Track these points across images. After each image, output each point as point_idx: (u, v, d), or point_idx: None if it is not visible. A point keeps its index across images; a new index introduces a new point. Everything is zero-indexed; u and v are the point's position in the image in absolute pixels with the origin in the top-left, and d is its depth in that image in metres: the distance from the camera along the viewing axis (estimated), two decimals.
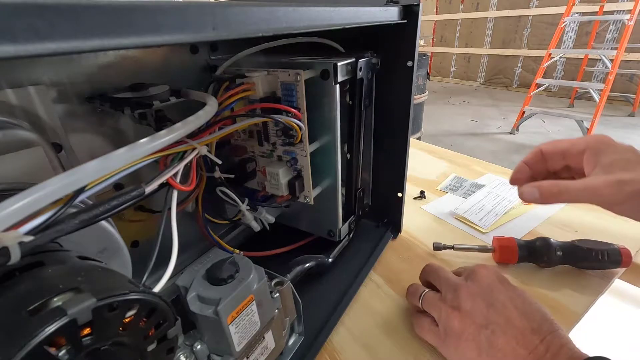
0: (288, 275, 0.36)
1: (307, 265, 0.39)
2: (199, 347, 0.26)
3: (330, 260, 0.41)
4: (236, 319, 0.25)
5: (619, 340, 0.35)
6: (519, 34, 3.69)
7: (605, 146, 0.31)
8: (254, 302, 0.26)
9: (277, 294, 0.29)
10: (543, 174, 0.36)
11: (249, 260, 0.28)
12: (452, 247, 0.45)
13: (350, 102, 0.34)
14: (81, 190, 0.17)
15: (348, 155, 0.34)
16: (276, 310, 0.29)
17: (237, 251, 0.37)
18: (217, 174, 0.35)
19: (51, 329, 0.13)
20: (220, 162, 0.32)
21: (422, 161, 0.39)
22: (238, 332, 0.25)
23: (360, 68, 0.33)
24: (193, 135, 0.28)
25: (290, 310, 0.31)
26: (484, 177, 0.67)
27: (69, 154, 0.26)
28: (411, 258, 0.47)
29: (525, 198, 0.33)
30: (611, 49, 2.80)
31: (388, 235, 0.49)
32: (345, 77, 0.33)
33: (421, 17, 0.36)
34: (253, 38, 0.21)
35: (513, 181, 0.36)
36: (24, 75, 0.24)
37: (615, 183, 0.29)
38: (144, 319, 0.17)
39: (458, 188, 0.64)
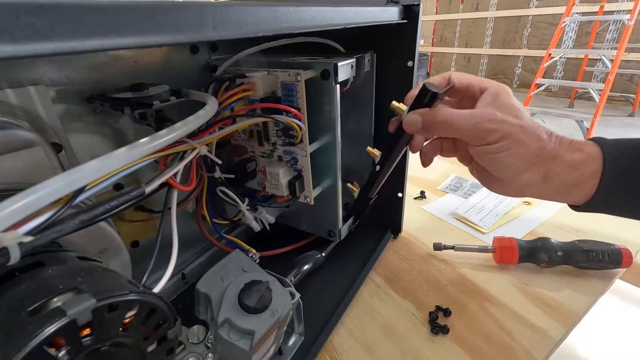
0: (290, 276, 0.36)
1: (306, 267, 0.39)
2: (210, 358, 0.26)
3: (323, 255, 0.41)
4: (260, 347, 0.25)
5: (620, 340, 0.35)
6: (519, 34, 3.68)
7: (505, 92, 0.30)
8: (277, 328, 0.26)
9: (291, 311, 0.29)
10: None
11: (281, 286, 0.27)
12: (453, 248, 0.45)
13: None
14: (81, 191, 0.17)
15: (377, 167, 0.34)
16: (285, 327, 0.29)
17: (253, 250, 0.37)
18: (217, 174, 0.35)
19: (51, 329, 0.13)
20: (220, 162, 0.32)
21: None
22: (257, 356, 0.25)
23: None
24: (193, 135, 0.28)
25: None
26: None
27: (69, 154, 0.26)
28: (411, 258, 0.47)
29: (407, 127, 0.30)
30: (611, 49, 2.79)
31: (388, 235, 0.49)
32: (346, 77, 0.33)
33: (421, 17, 0.36)
34: (253, 38, 0.21)
35: (408, 100, 0.32)
36: (24, 75, 0.24)
37: (486, 116, 0.28)
38: (144, 320, 0.17)
39: (458, 188, 0.64)
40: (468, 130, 0.28)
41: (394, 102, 0.32)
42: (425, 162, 0.35)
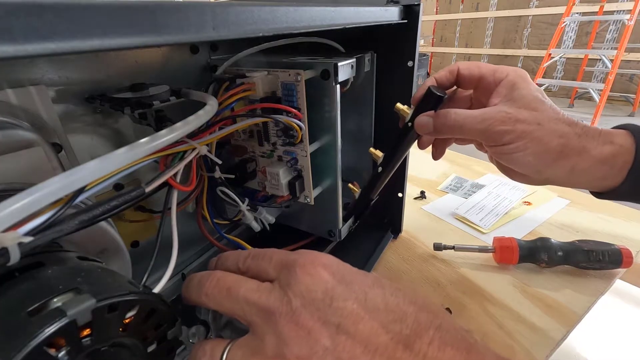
0: None
1: None
2: None
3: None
4: None
5: (620, 340, 0.35)
6: (519, 34, 3.69)
7: (522, 80, 0.28)
8: None
9: None
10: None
11: None
12: (453, 248, 0.45)
13: (410, 124, 0.31)
14: (81, 191, 0.17)
15: (380, 169, 0.34)
16: None
17: None
18: (217, 174, 0.35)
19: (51, 330, 0.13)
20: (220, 162, 0.32)
21: (423, 161, 0.39)
22: None
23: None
24: (193, 135, 0.28)
25: None
26: (485, 177, 0.67)
27: (69, 154, 0.26)
28: (412, 258, 0.47)
29: (418, 129, 0.30)
30: (611, 49, 2.79)
31: (388, 235, 0.49)
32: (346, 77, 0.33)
33: (422, 17, 0.36)
34: (253, 38, 0.21)
35: (414, 101, 0.31)
36: (24, 75, 0.24)
37: (498, 116, 0.26)
38: (144, 320, 0.17)
39: (458, 188, 0.64)
40: (481, 132, 0.28)
41: (398, 105, 0.32)
42: (437, 155, 0.35)
